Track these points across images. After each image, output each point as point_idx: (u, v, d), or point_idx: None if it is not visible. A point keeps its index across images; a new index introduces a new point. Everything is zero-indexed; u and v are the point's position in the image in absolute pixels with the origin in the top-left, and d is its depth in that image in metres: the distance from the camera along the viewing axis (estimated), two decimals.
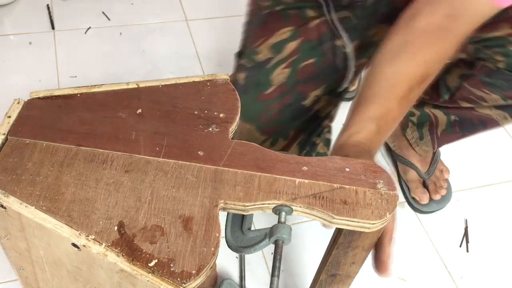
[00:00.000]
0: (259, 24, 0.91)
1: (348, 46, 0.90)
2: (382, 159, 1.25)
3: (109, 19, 1.49)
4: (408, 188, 1.18)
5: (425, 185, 1.17)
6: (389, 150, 1.25)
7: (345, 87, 0.97)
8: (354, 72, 0.94)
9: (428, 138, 1.11)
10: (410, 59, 0.71)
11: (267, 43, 0.91)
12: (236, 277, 1.02)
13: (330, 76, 0.95)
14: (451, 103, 1.00)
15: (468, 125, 1.03)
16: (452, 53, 0.73)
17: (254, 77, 0.93)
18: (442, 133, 1.08)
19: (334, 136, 1.09)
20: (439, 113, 1.06)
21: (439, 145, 1.12)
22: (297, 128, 1.00)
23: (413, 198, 1.17)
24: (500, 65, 0.86)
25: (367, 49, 0.92)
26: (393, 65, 0.71)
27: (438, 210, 1.17)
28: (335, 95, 0.98)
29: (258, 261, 1.04)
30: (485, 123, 1.01)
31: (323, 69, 0.93)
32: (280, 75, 0.92)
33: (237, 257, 1.04)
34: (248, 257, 1.04)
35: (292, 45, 0.90)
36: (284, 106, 0.94)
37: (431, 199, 1.16)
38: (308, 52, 0.90)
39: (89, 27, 1.46)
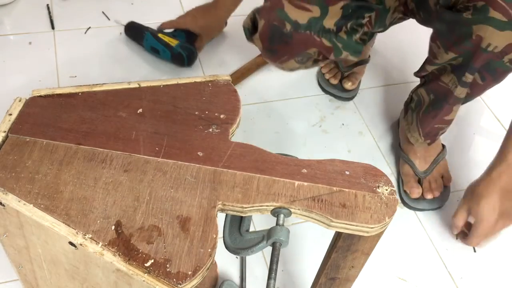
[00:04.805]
0: None
1: None
2: (382, 159, 1.24)
3: (109, 19, 1.49)
4: (403, 181, 1.19)
5: (420, 183, 1.17)
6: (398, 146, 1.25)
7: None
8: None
9: (415, 122, 1.12)
10: None
11: None
12: (236, 278, 1.02)
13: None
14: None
15: (437, 101, 1.05)
16: None
17: None
18: (422, 114, 1.09)
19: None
20: (424, 93, 1.08)
21: (423, 130, 1.11)
22: None
23: (405, 191, 1.17)
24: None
25: None
26: None
27: (428, 210, 1.16)
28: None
29: (259, 262, 1.04)
30: (446, 96, 1.01)
31: None
32: None
33: (237, 258, 1.04)
34: (248, 258, 1.04)
35: None
36: None
37: (423, 197, 1.16)
38: None
39: (89, 27, 1.46)
